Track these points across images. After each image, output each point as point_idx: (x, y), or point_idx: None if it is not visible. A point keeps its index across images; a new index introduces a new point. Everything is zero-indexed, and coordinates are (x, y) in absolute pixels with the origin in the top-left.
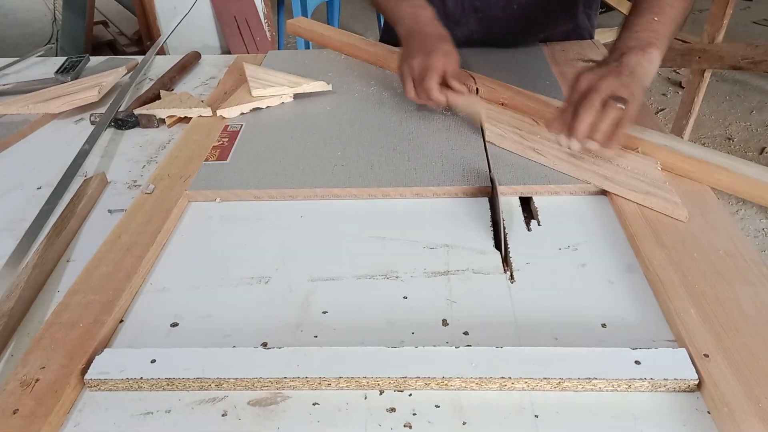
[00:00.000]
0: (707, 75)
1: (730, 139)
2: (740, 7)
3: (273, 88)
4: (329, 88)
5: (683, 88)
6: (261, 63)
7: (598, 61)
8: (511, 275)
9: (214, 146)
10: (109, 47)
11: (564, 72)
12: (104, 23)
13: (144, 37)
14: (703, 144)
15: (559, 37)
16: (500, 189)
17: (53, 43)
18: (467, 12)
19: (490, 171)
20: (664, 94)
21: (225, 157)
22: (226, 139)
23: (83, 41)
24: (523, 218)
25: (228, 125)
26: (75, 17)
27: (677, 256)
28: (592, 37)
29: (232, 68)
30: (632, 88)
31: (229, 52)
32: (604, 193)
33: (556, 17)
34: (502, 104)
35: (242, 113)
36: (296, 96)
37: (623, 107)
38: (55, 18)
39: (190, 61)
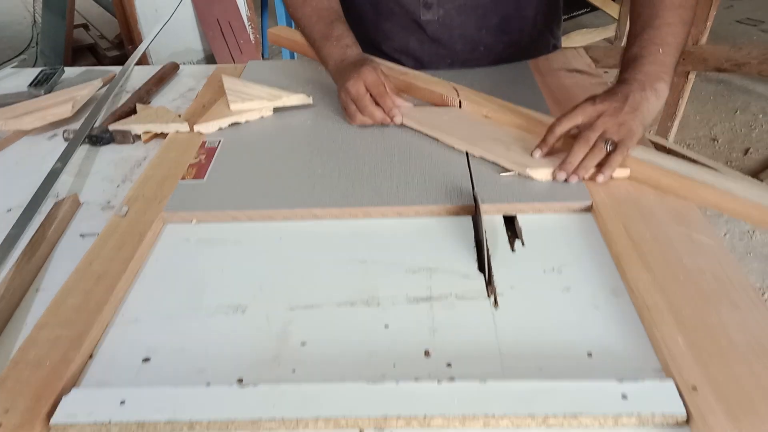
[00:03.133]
0: (692, 77)
1: (714, 140)
2: (724, 5)
3: (252, 101)
4: (310, 101)
5: None
6: (241, 74)
7: (604, 92)
8: (495, 301)
9: (191, 164)
10: (90, 51)
11: (548, 83)
12: (85, 26)
13: (125, 41)
14: (688, 145)
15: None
16: (484, 207)
17: (33, 46)
18: (435, 58)
19: (473, 189)
20: None
21: (202, 176)
22: (204, 156)
23: (63, 45)
24: (507, 237)
25: (205, 141)
26: (55, 20)
27: (663, 278)
28: (557, 47)
29: (210, 80)
30: (631, 125)
31: (212, 56)
32: (588, 210)
33: (523, 49)
34: (486, 117)
35: (220, 128)
36: (276, 109)
37: (610, 150)
38: (35, 21)
39: (168, 72)
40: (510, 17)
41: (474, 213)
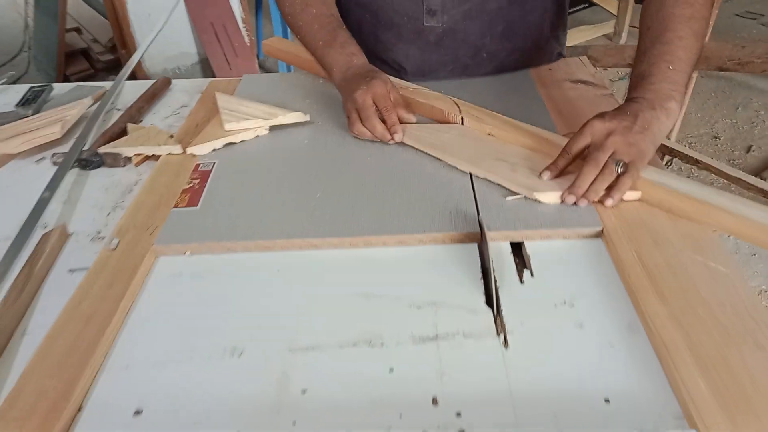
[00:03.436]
0: (694, 75)
1: (716, 137)
2: None
3: (247, 121)
4: (307, 118)
5: None
6: (235, 89)
7: (613, 110)
8: (505, 339)
9: (184, 189)
10: (84, 55)
11: (552, 95)
12: (77, 30)
13: (118, 45)
14: (690, 144)
15: (529, 66)
16: (489, 234)
17: (25, 51)
18: (435, 65)
19: (478, 214)
20: None
21: (195, 203)
22: (197, 181)
23: (56, 49)
24: (515, 266)
25: (199, 164)
26: (47, 24)
27: (681, 312)
28: (562, 55)
29: (204, 96)
30: (641, 146)
31: (206, 59)
32: (598, 235)
33: (526, 56)
34: (489, 134)
35: (214, 149)
36: (272, 127)
37: (620, 172)
38: (26, 25)
39: (160, 88)
40: (516, 24)
41: (480, 240)
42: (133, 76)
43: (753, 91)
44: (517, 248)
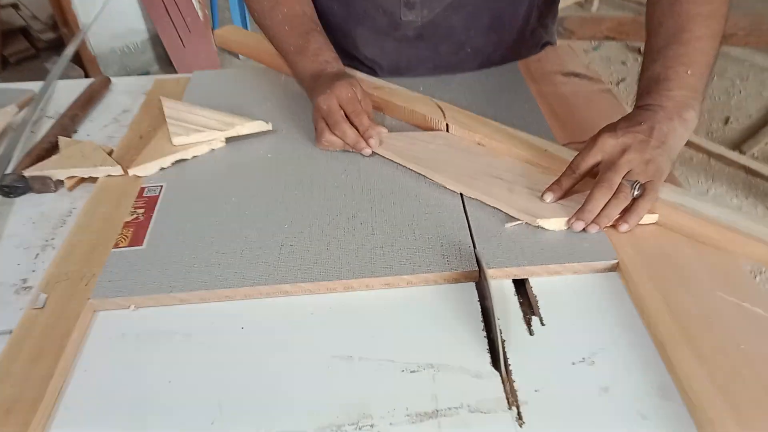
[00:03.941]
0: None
1: None
2: None
3: (199, 133)
4: (269, 127)
5: None
6: (184, 90)
7: (624, 118)
8: (519, 414)
9: (126, 223)
10: (23, 33)
11: (543, 92)
12: (14, 6)
13: (59, 23)
14: None
15: (517, 58)
16: (489, 272)
17: None
18: (414, 63)
19: (474, 247)
20: (623, 62)
21: (140, 241)
22: (142, 211)
23: None
24: (520, 311)
25: (144, 188)
26: None
27: (722, 374)
28: (551, 43)
29: (149, 99)
30: (659, 162)
31: (157, 36)
32: (614, 269)
33: (513, 49)
34: (479, 144)
35: (162, 168)
36: (229, 139)
37: (637, 195)
38: None
39: (98, 90)
40: (502, 15)
41: (478, 278)
42: (77, 58)
43: (728, 60)
44: (521, 285)
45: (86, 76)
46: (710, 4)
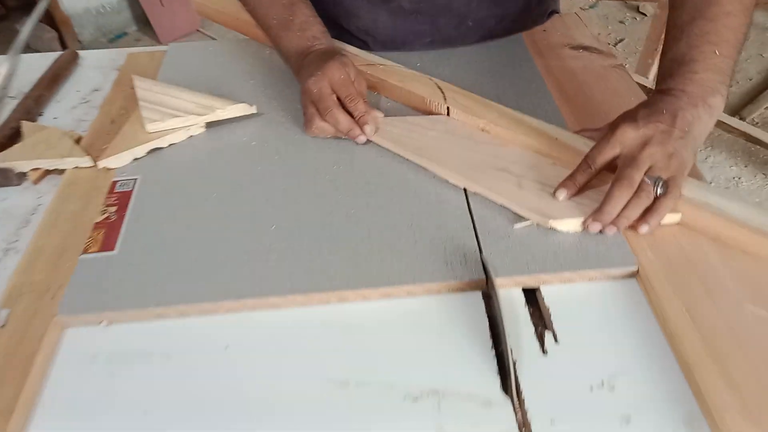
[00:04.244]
0: None
1: None
2: None
3: (176, 118)
4: (253, 110)
5: (644, 15)
6: (159, 64)
7: (644, 104)
8: None
9: (96, 224)
10: None
11: (551, 67)
12: None
13: None
14: None
15: (521, 30)
16: (497, 282)
17: None
18: (411, 36)
19: (480, 253)
20: (621, 22)
21: (112, 245)
22: (114, 209)
23: None
24: (531, 324)
25: (116, 181)
26: None
27: (757, 404)
28: (556, 12)
29: (121, 75)
30: (683, 155)
31: None
32: (633, 275)
33: (517, 21)
34: (483, 130)
35: (136, 158)
36: (209, 124)
37: (660, 193)
38: None
39: (65, 65)
40: None
41: (485, 287)
42: (50, 19)
43: None
44: (532, 293)
45: (60, 38)
46: None
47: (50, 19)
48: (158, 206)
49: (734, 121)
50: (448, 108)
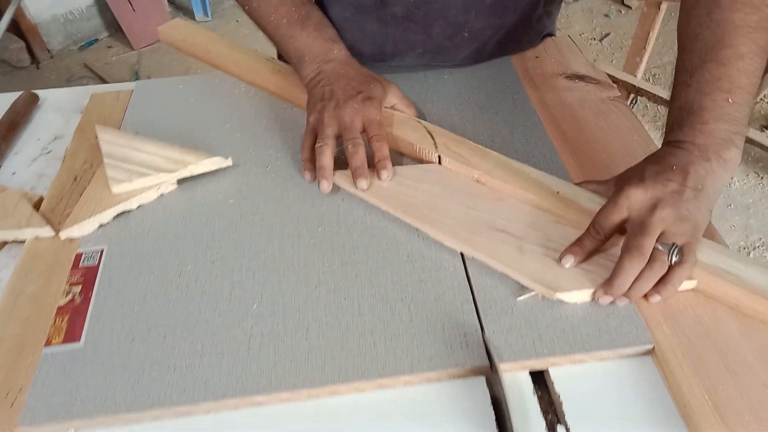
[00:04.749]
0: (664, 6)
1: None
2: None
3: (144, 177)
4: (228, 163)
5: (629, 7)
6: (126, 107)
7: (651, 159)
8: None
9: (60, 308)
10: None
11: (545, 99)
12: None
13: None
14: (654, 75)
15: (517, 49)
16: (502, 366)
17: None
18: (401, 45)
19: (482, 332)
20: (606, 15)
21: (77, 336)
22: (79, 289)
23: None
24: (540, 413)
25: (81, 254)
26: None
27: None
28: (551, 35)
29: (85, 120)
30: (696, 218)
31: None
32: (648, 352)
33: (513, 37)
34: (478, 181)
35: (101, 225)
36: (182, 180)
37: (675, 261)
38: None
39: (24, 110)
40: None
41: (489, 371)
42: (16, 28)
43: None
44: (540, 375)
45: (28, 47)
46: (758, 12)
47: (16, 28)
48: (127, 283)
49: None
50: (439, 156)
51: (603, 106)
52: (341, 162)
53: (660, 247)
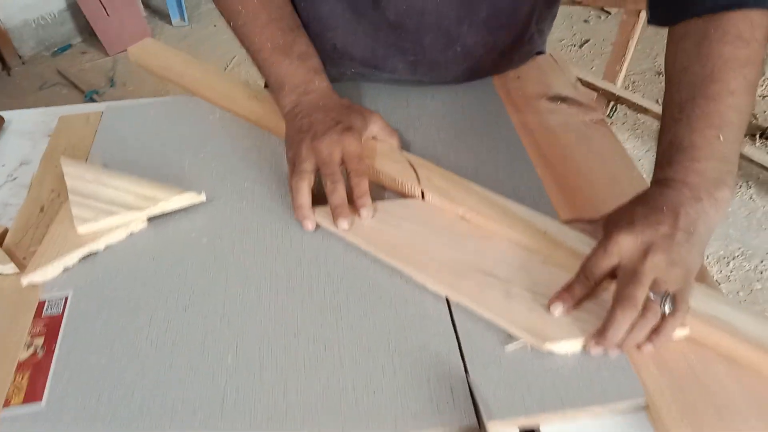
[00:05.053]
0: (643, 14)
1: (660, 73)
2: None
3: (112, 217)
4: (202, 198)
5: (608, 13)
6: (95, 132)
7: (640, 201)
8: None
9: (20, 363)
10: None
11: (528, 123)
12: None
13: None
14: (633, 83)
15: (507, 68)
16: (491, 425)
17: None
18: (392, 53)
19: (471, 390)
20: (586, 21)
21: (38, 395)
22: (41, 342)
23: None
24: None
25: (44, 302)
26: None
27: None
28: (541, 53)
29: (52, 146)
30: (687, 262)
31: (76, 3)
32: (643, 409)
33: (507, 54)
34: (462, 218)
35: (66, 268)
36: (152, 218)
37: (668, 311)
38: None
39: None
40: (502, 12)
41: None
42: None
43: None
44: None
45: None
46: (747, 46)
47: None
48: (93, 335)
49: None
50: (422, 191)
51: (586, 130)
52: (323, 196)
53: (652, 297)
